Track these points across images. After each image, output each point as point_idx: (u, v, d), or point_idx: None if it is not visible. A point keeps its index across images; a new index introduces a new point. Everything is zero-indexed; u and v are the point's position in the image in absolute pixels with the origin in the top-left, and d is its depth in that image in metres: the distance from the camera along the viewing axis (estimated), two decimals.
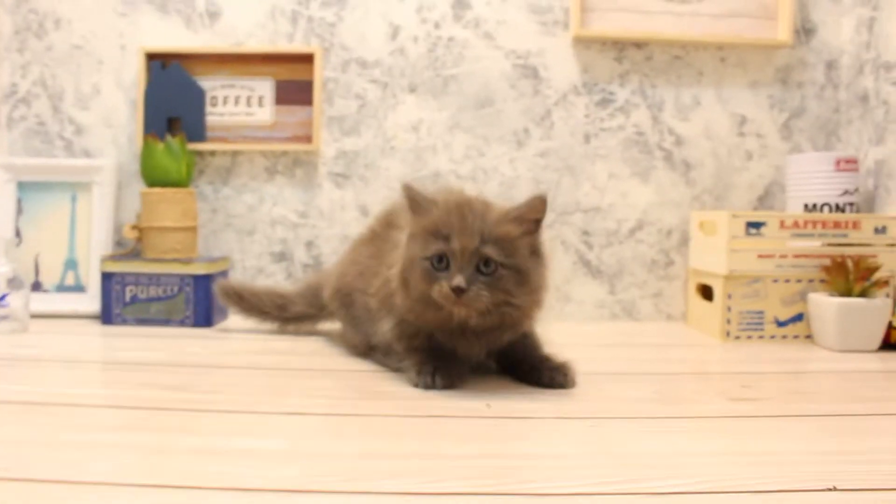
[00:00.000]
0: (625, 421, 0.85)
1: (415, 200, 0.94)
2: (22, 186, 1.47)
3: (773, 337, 1.35)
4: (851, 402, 0.94)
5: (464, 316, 0.92)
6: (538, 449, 0.75)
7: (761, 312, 1.35)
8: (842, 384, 1.05)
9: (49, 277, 1.47)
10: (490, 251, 0.89)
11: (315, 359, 1.13)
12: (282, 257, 1.50)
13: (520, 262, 0.92)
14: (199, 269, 1.37)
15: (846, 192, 1.40)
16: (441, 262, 0.90)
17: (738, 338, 1.35)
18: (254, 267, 1.50)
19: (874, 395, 0.98)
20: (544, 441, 0.77)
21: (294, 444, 0.74)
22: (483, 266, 0.90)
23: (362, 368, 1.07)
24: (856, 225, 1.36)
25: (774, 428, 0.83)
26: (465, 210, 0.92)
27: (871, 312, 1.27)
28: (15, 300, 1.28)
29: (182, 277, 1.37)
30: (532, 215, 0.94)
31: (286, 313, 1.32)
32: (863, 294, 1.28)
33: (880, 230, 1.36)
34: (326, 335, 1.31)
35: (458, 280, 0.88)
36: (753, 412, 0.89)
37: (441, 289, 0.89)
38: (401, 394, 0.94)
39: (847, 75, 1.51)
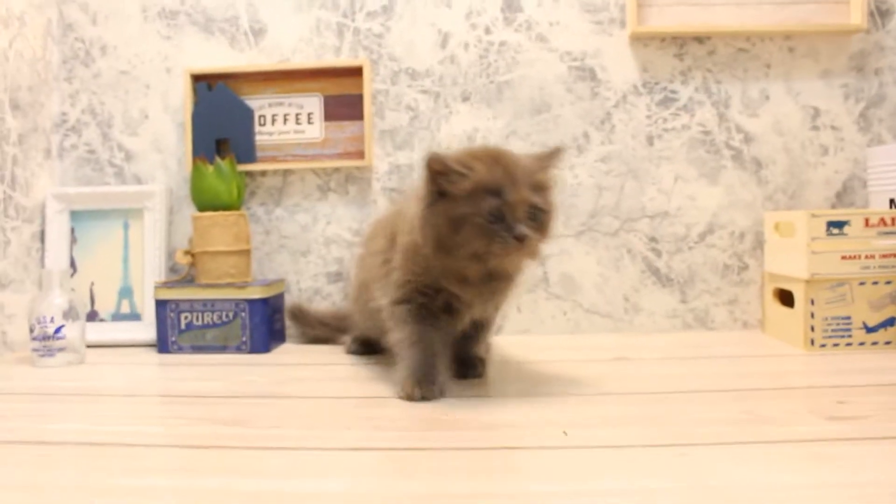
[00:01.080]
0: (716, 448, 0.78)
1: (450, 166, 0.94)
2: (75, 215, 1.46)
3: (861, 344, 1.26)
4: None
5: (516, 263, 0.98)
6: (624, 484, 0.68)
7: (848, 318, 1.26)
8: None
9: (104, 306, 1.45)
10: (538, 199, 0.95)
11: (377, 385, 1.08)
12: (338, 277, 1.46)
13: (551, 206, 0.99)
14: (254, 294, 1.33)
15: None
16: (494, 216, 0.92)
17: (823, 346, 1.26)
18: (310, 288, 1.46)
19: None
20: (630, 474, 0.70)
21: (356, 485, 0.69)
22: (532, 214, 0.94)
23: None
24: None
25: (881, 453, 0.75)
26: (507, 164, 0.95)
27: None
28: (71, 331, 1.26)
29: (237, 303, 1.33)
30: (556, 163, 1.01)
31: (344, 323, 1.36)
32: None
33: None
34: (387, 361, 1.26)
35: (523, 229, 0.92)
36: (854, 434, 0.81)
37: (503, 241, 0.92)
38: (471, 422, 0.88)
39: None
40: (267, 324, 1.34)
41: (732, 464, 0.72)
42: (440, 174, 0.94)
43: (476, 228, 0.92)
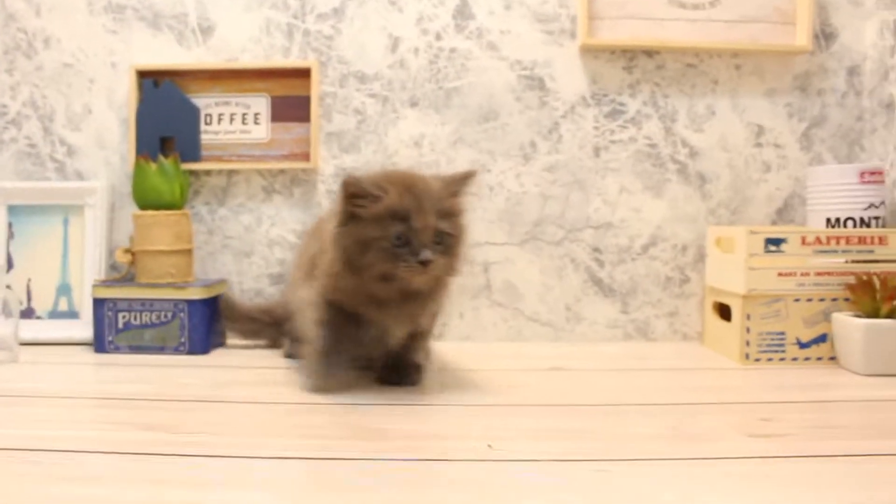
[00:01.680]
0: (637, 464, 0.78)
1: (364, 189, 0.98)
2: (12, 210, 1.43)
3: (794, 359, 1.28)
4: (883, 439, 0.87)
5: (422, 283, 1.00)
6: (541, 501, 0.68)
7: (782, 334, 1.28)
8: (871, 415, 0.98)
9: (42, 303, 1.42)
10: (444, 226, 0.99)
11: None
12: (280, 279, 1.44)
13: (459, 230, 1.03)
14: (195, 294, 1.32)
15: (871, 206, 1.32)
16: (400, 241, 0.97)
17: (758, 360, 1.28)
18: (252, 289, 1.45)
19: None
20: (549, 490, 0.71)
21: (278, 498, 0.68)
22: (438, 239, 0.99)
23: (361, 402, 1.01)
24: (882, 240, 1.29)
25: (798, 472, 0.76)
26: (416, 190, 0.99)
27: None
28: (3, 329, 1.24)
29: (176, 303, 1.32)
30: (467, 187, 1.05)
31: (273, 318, 1.35)
32: (891, 314, 1.21)
33: None
34: None
35: (427, 254, 0.97)
36: (774, 451, 0.82)
37: (408, 265, 0.96)
38: (398, 432, 0.88)
39: (870, 81, 1.44)
40: (206, 325, 1.33)
41: (651, 482, 0.73)
42: (354, 196, 0.98)
43: (382, 252, 0.97)
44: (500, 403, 1.02)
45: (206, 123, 1.44)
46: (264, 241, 1.45)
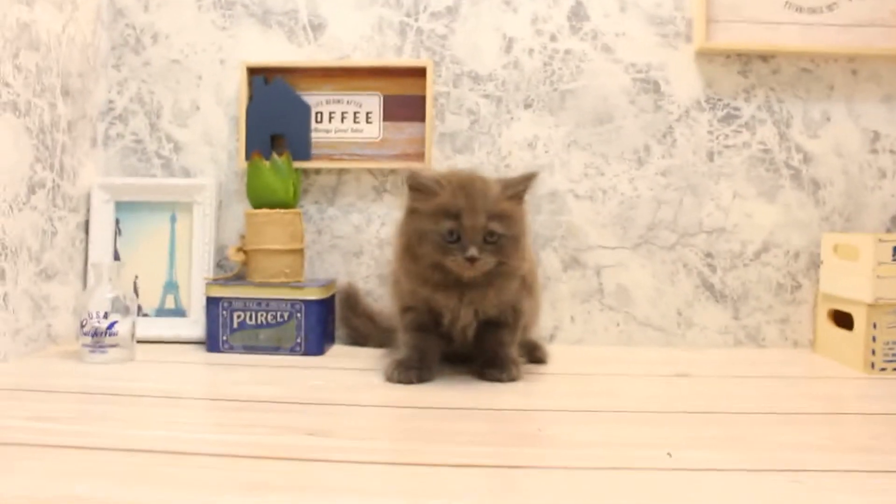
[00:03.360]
0: (828, 475, 0.76)
1: (423, 185, 1.08)
2: (120, 207, 1.42)
3: None
4: None
5: (471, 275, 1.07)
6: None
7: None
8: None
9: (148, 301, 1.41)
10: (495, 226, 1.07)
11: (451, 395, 1.06)
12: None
13: (515, 231, 1.09)
14: (311, 294, 1.30)
15: None
16: (452, 236, 1.06)
17: (883, 370, 1.26)
18: (361, 290, 1.43)
19: None
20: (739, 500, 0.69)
21: None
22: (488, 237, 1.06)
23: (508, 407, 1.00)
24: None
25: None
26: (470, 191, 1.07)
27: None
28: (122, 327, 1.22)
29: (293, 303, 1.30)
30: (525, 190, 1.12)
31: (386, 326, 1.35)
32: None
33: None
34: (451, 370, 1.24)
35: (473, 251, 1.04)
36: None
37: (455, 259, 1.05)
38: (567, 440, 0.87)
39: None
40: (322, 325, 1.32)
41: (853, 493, 0.71)
42: (414, 190, 1.09)
43: (434, 244, 1.07)
44: (644, 410, 1.00)
45: (317, 122, 1.42)
46: (374, 242, 1.43)
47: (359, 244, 1.43)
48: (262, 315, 1.31)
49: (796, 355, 1.39)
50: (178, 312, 1.40)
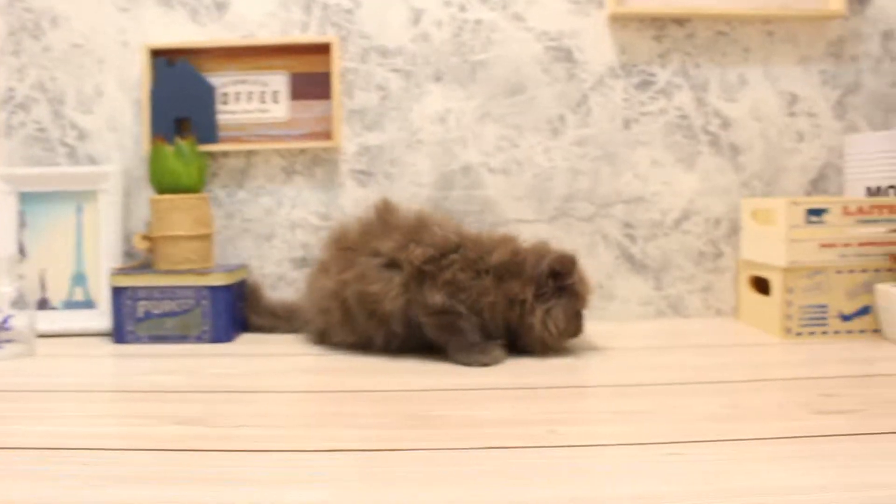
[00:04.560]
0: (710, 445, 0.75)
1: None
2: (24, 198, 1.37)
3: (837, 332, 1.25)
4: None
5: None
6: (620, 488, 0.65)
7: (824, 307, 1.25)
8: None
9: (56, 294, 1.37)
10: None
11: (352, 378, 1.03)
12: (303, 263, 1.40)
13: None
14: (217, 280, 1.27)
15: None
16: None
17: (799, 334, 1.25)
18: (273, 274, 1.40)
19: None
20: (618, 476, 0.67)
21: (335, 494, 0.64)
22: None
23: (406, 388, 0.97)
24: None
25: (875, 449, 0.72)
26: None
27: None
28: (20, 322, 1.19)
29: (198, 290, 1.27)
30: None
31: (293, 315, 1.32)
32: None
33: None
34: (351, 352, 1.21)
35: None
36: (849, 429, 0.79)
37: None
38: (453, 419, 0.84)
39: None
40: (229, 312, 1.28)
41: (733, 464, 0.69)
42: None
43: None
44: (555, 385, 0.98)
45: (223, 103, 1.38)
46: (285, 224, 1.40)
47: (270, 227, 1.40)
48: (167, 303, 1.28)
49: (719, 324, 1.37)
50: (87, 304, 1.37)
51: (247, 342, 1.29)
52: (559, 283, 1.12)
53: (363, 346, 1.17)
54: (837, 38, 1.40)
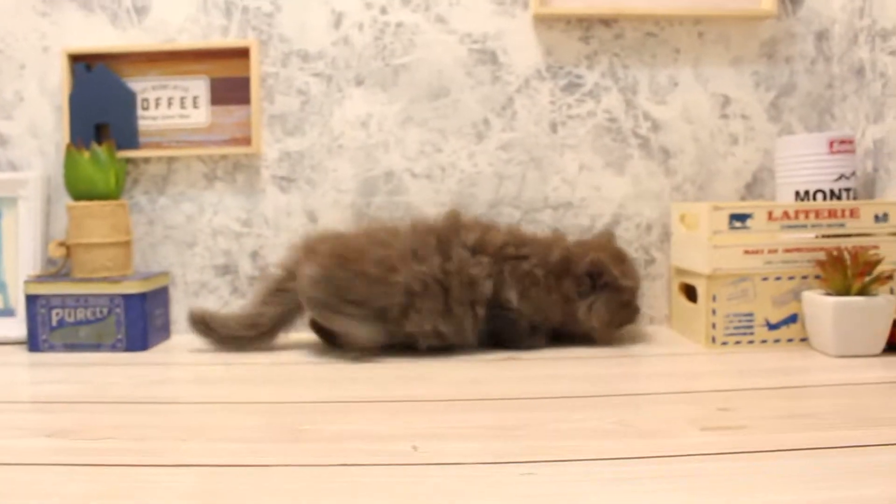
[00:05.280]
0: (572, 466, 0.72)
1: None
2: None
3: (764, 341, 1.21)
4: (854, 428, 0.80)
5: None
6: None
7: (750, 315, 1.21)
8: (841, 401, 0.90)
9: None
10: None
11: (247, 388, 1.01)
12: (226, 270, 1.38)
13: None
14: (131, 288, 1.25)
15: (842, 177, 1.25)
16: None
17: (725, 343, 1.21)
18: (196, 281, 1.38)
19: (881, 417, 0.84)
20: (468, 499, 0.64)
21: None
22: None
23: (287, 400, 0.95)
24: (853, 213, 1.22)
25: (757, 470, 0.69)
26: None
27: (872, 312, 1.12)
28: None
29: (111, 298, 1.25)
30: None
31: (261, 329, 1.23)
32: (862, 291, 1.14)
33: (881, 218, 1.22)
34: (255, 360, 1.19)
35: None
36: (730, 447, 0.75)
37: None
38: (324, 433, 0.82)
39: (840, 46, 1.36)
40: (144, 320, 1.27)
41: (589, 487, 0.66)
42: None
43: None
44: (429, 398, 0.95)
45: (144, 108, 1.37)
46: (207, 231, 1.38)
47: (192, 234, 1.38)
48: (81, 311, 1.26)
49: (651, 333, 1.34)
50: (7, 312, 1.35)
51: (166, 350, 1.27)
52: (597, 281, 1.21)
53: (452, 335, 1.19)
54: (770, 39, 1.37)
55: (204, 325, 1.24)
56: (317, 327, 1.25)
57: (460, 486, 0.67)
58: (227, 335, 1.24)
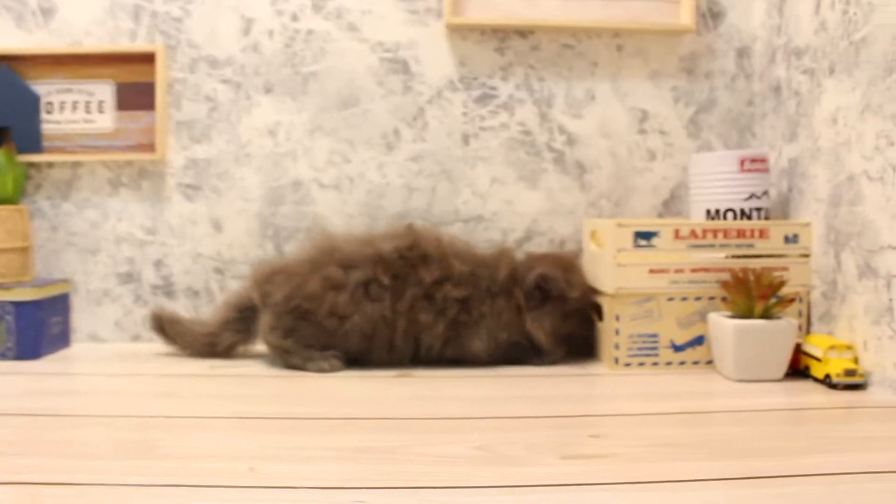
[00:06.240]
0: (409, 495, 0.68)
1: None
2: None
3: (669, 363, 1.18)
4: (734, 458, 0.76)
5: None
6: None
7: (655, 336, 1.18)
8: (730, 429, 0.86)
9: None
10: None
11: (115, 400, 0.98)
12: (129, 278, 1.35)
13: None
14: (23, 295, 1.22)
15: (752, 196, 1.22)
16: None
17: (628, 365, 1.18)
18: (99, 289, 1.35)
19: (769, 447, 0.80)
20: None
21: None
22: None
23: (160, 414, 0.92)
24: (763, 234, 1.19)
25: (607, 501, 0.66)
26: None
27: (773, 336, 1.09)
28: None
29: (2, 305, 1.22)
30: None
31: (216, 349, 1.23)
32: (765, 314, 1.11)
33: (791, 239, 1.19)
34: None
35: None
36: (586, 477, 0.71)
37: None
38: (163, 451, 0.79)
39: (760, 63, 1.33)
40: (38, 328, 1.23)
41: None
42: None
43: None
44: (281, 416, 0.92)
45: (48, 112, 1.34)
46: (111, 238, 1.35)
47: (95, 241, 1.35)
48: None
49: None
50: None
51: (61, 359, 1.24)
52: (546, 294, 1.19)
53: (395, 364, 1.19)
54: (690, 54, 1.34)
55: (160, 329, 1.26)
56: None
57: None
58: (182, 346, 1.25)
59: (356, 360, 1.17)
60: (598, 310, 1.23)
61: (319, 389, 1.05)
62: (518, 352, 1.20)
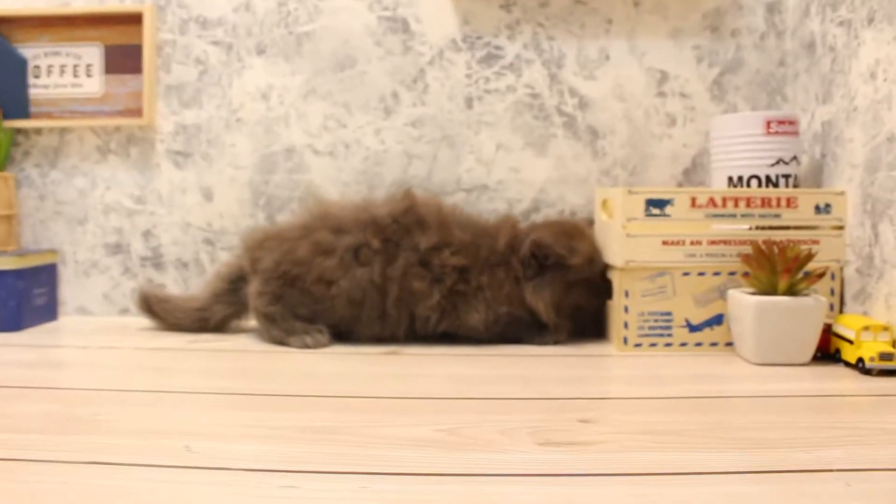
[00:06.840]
0: (347, 480, 0.60)
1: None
2: None
3: (683, 344, 1.08)
4: (750, 449, 0.67)
5: None
6: None
7: (668, 314, 1.08)
8: (744, 417, 0.76)
9: None
10: None
11: (80, 373, 0.93)
12: (117, 249, 1.29)
13: None
14: (4, 265, 1.17)
15: (780, 162, 1.11)
16: None
17: (638, 345, 1.08)
18: (87, 260, 1.30)
19: (787, 437, 0.70)
20: None
21: None
22: None
23: (119, 387, 0.86)
24: (790, 202, 1.08)
25: (576, 498, 0.57)
26: None
27: (799, 314, 0.98)
28: None
29: None
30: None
31: (208, 324, 1.18)
32: (790, 291, 1.00)
33: (822, 209, 1.08)
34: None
35: None
36: (563, 467, 0.62)
37: None
38: (104, 426, 0.72)
39: (793, 19, 1.21)
40: (19, 299, 1.19)
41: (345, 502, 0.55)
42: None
43: None
44: (236, 391, 0.85)
45: (35, 76, 1.29)
46: (99, 207, 1.30)
47: (84, 210, 1.30)
48: None
49: None
50: None
51: (46, 331, 1.19)
52: (542, 262, 1.10)
53: (387, 339, 1.12)
54: (714, 10, 1.23)
55: (148, 309, 1.20)
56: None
57: (203, 492, 0.57)
58: (173, 323, 1.19)
59: (347, 333, 1.10)
60: (609, 282, 1.13)
61: (294, 365, 0.98)
62: (519, 328, 1.11)
